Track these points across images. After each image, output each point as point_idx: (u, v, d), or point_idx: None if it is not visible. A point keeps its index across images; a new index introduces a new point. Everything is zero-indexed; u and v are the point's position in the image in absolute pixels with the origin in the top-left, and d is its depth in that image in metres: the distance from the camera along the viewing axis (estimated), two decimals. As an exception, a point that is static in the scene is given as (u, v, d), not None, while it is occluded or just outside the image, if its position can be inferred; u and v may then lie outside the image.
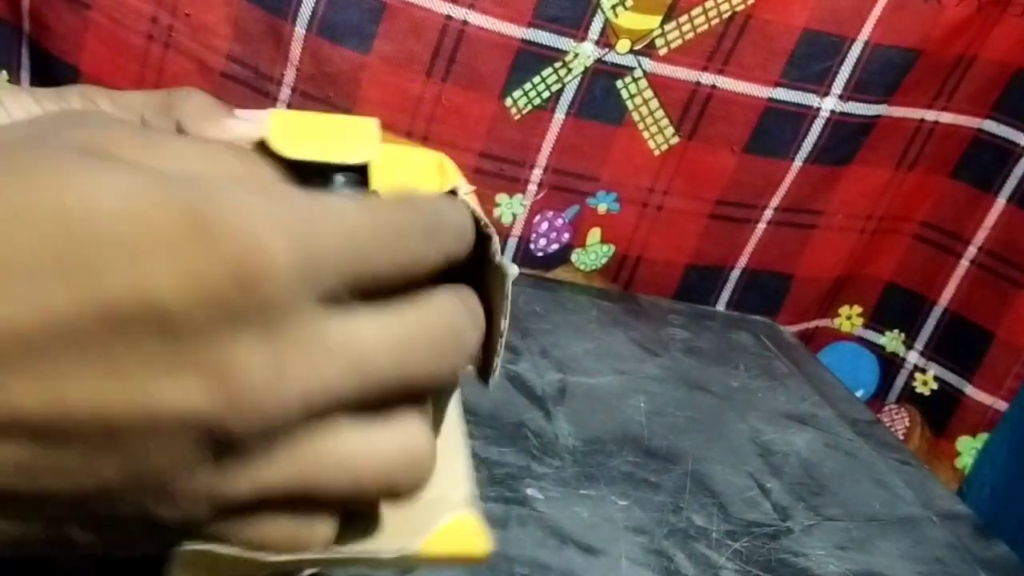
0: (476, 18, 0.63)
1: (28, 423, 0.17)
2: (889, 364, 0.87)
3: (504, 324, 0.25)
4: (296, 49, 0.63)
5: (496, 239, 0.25)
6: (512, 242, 0.74)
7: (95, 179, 0.17)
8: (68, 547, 0.19)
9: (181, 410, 0.18)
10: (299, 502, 0.20)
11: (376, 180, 0.24)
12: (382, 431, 0.21)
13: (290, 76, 0.64)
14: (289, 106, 0.64)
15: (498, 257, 0.25)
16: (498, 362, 0.25)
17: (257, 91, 0.64)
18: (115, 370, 0.17)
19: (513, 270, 0.25)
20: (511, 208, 0.72)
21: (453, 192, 0.25)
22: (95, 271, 0.17)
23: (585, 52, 0.66)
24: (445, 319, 0.22)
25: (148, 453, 0.18)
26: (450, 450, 0.25)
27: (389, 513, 0.23)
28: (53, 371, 0.17)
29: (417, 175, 0.25)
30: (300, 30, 0.62)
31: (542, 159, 0.70)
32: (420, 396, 0.22)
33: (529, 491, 0.46)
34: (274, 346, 0.18)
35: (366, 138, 0.24)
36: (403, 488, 0.21)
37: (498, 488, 0.45)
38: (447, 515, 0.23)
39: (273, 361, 0.18)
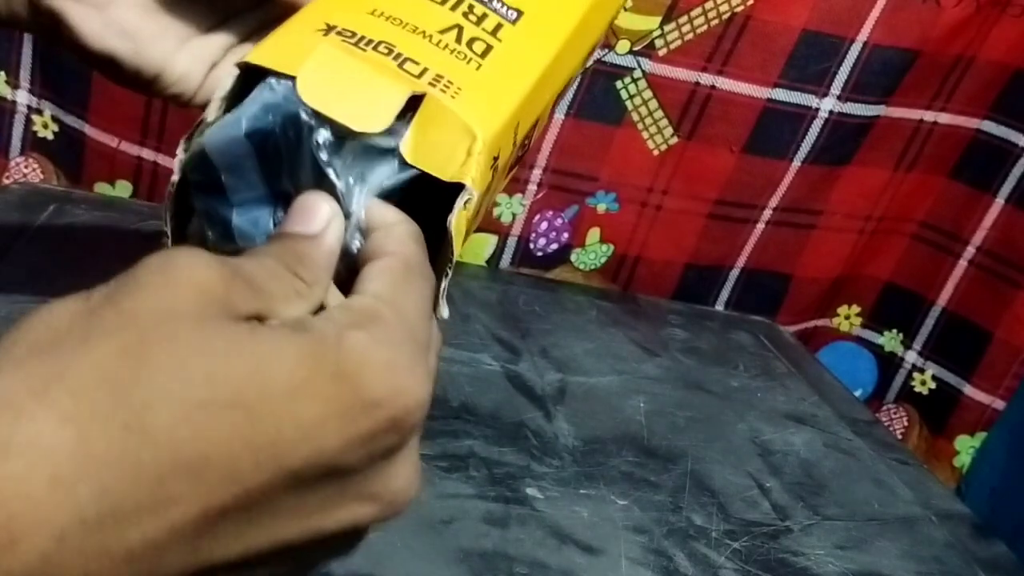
0: (476, 18, 0.63)
1: (221, 566, 0.21)
2: (887, 364, 0.87)
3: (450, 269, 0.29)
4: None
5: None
6: (512, 241, 0.74)
7: (261, 358, 0.21)
8: None
9: (349, 526, 0.22)
10: None
11: (413, 146, 0.26)
12: None
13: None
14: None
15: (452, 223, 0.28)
16: (443, 293, 0.29)
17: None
18: (295, 514, 0.21)
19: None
20: (511, 208, 0.72)
21: (460, 185, 0.27)
22: (279, 451, 0.20)
23: (585, 52, 0.66)
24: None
25: (308, 544, 0.22)
26: None
27: None
28: (248, 529, 0.21)
29: (446, 151, 0.27)
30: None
31: (541, 159, 0.71)
32: None
33: (529, 491, 0.46)
34: (412, 459, 0.23)
35: (388, 104, 0.26)
36: None
37: (498, 488, 0.45)
38: None
39: (414, 472, 0.23)
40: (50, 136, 0.67)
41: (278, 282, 0.24)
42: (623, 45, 0.67)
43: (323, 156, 0.25)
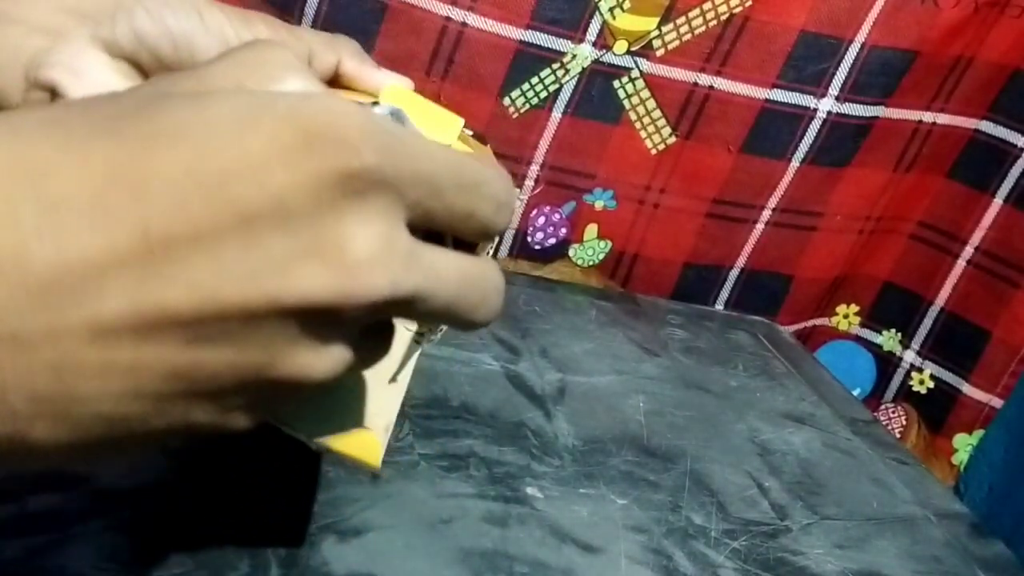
0: (475, 20, 0.64)
1: (182, 321, 0.20)
2: (886, 363, 0.87)
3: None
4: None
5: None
6: (508, 234, 0.74)
7: (203, 105, 0.21)
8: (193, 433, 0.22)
9: (306, 291, 0.21)
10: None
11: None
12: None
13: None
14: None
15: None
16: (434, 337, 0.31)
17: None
18: (248, 264, 0.20)
19: None
20: (510, 208, 0.72)
21: None
22: (226, 182, 0.20)
23: (583, 53, 0.67)
24: (493, 280, 0.25)
25: (278, 336, 0.21)
26: (391, 390, 0.31)
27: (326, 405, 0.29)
28: (200, 272, 0.20)
29: (439, 134, 0.30)
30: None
31: (539, 156, 0.71)
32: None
33: (529, 490, 0.46)
34: (369, 225, 0.21)
35: (448, 131, 0.30)
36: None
37: (498, 487, 0.45)
38: (357, 429, 0.29)
39: (372, 237, 0.21)
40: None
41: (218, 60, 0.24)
42: (621, 45, 0.67)
43: None
